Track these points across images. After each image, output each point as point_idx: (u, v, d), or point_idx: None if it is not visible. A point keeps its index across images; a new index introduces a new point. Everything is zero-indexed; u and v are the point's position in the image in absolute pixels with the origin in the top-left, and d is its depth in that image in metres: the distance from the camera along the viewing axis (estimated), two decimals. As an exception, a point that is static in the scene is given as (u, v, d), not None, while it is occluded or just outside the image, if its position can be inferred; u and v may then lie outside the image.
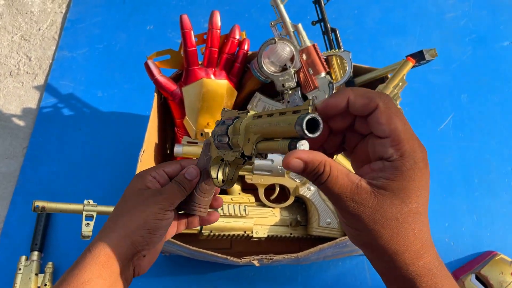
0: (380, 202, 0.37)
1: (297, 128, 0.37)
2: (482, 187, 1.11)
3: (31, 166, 1.16)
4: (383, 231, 0.38)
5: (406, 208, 0.38)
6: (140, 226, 0.51)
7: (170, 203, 0.53)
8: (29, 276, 0.97)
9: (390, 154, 0.37)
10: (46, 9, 1.43)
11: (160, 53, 0.95)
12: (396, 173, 0.37)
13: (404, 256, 0.39)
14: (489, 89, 1.23)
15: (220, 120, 0.54)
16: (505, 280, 0.93)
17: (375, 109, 0.38)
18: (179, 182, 0.55)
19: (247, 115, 0.48)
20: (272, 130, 0.41)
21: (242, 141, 0.46)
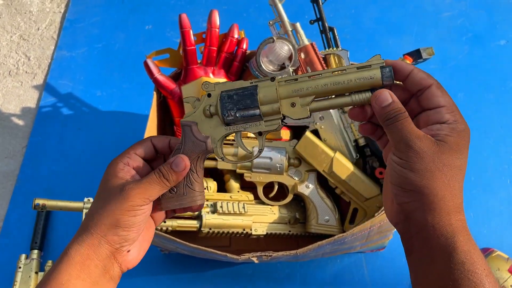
0: (441, 149, 0.45)
1: (385, 78, 0.47)
2: (479, 184, 1.11)
3: (30, 165, 1.17)
4: (438, 174, 0.44)
5: (458, 161, 0.45)
6: (113, 225, 0.48)
7: (145, 198, 0.49)
8: (29, 275, 0.98)
9: (447, 118, 0.46)
10: (45, 8, 1.44)
11: (159, 52, 0.95)
12: (453, 132, 0.45)
13: (449, 204, 0.44)
14: (486, 88, 1.24)
15: (223, 94, 0.51)
16: (502, 277, 0.94)
17: (430, 85, 0.47)
18: (163, 173, 0.51)
19: (274, 82, 0.50)
20: (338, 88, 0.48)
21: (284, 106, 0.50)
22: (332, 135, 0.93)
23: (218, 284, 1.01)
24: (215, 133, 0.52)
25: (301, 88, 0.49)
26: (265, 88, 0.50)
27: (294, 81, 0.49)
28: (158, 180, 0.50)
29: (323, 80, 0.49)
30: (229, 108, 0.50)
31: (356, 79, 0.48)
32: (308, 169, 0.93)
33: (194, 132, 0.52)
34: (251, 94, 0.50)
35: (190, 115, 0.53)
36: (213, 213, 0.88)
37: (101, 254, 0.48)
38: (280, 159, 0.92)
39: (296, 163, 0.93)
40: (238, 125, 0.51)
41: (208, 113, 0.52)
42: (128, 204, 0.48)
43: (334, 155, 0.90)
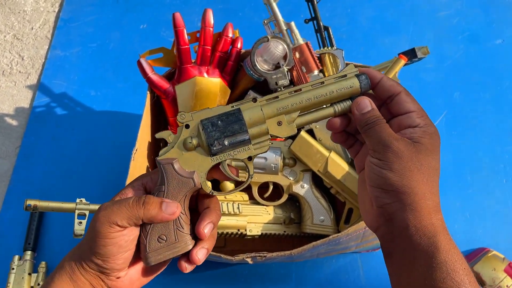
0: (417, 150, 0.46)
1: (363, 85, 0.49)
2: (475, 184, 1.11)
3: (24, 165, 1.16)
4: (417, 174, 0.46)
5: (433, 162, 0.47)
6: (90, 253, 0.46)
7: (110, 222, 0.45)
8: (22, 276, 0.97)
9: (418, 122, 0.48)
10: (39, 8, 1.43)
11: (153, 51, 0.95)
12: (425, 134, 0.47)
13: (429, 203, 0.46)
14: (482, 87, 1.24)
15: (204, 122, 0.48)
16: (497, 277, 0.94)
17: (399, 92, 0.49)
18: (143, 202, 0.46)
19: (257, 102, 0.49)
20: (321, 100, 0.49)
21: (271, 126, 0.49)
22: (327, 135, 0.92)
23: (213, 284, 1.01)
24: (201, 166, 0.48)
25: (286, 105, 0.49)
26: (249, 110, 0.48)
27: (275, 100, 0.49)
28: (130, 206, 0.46)
29: (306, 95, 0.49)
30: (216, 137, 0.47)
31: (337, 89, 0.49)
32: (303, 169, 0.92)
33: (177, 169, 0.47)
34: (237, 118, 0.48)
35: (167, 151, 0.48)
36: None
37: (86, 274, 0.47)
38: (275, 159, 0.91)
39: (291, 163, 0.93)
40: (225, 153, 0.48)
41: (191, 145, 0.48)
42: (94, 232, 0.45)
43: (329, 155, 0.90)
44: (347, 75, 0.49)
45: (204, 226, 0.48)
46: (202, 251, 0.49)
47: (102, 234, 0.45)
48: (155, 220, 0.47)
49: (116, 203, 0.46)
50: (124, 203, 0.46)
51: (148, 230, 0.47)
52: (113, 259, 0.46)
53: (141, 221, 0.46)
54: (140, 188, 0.50)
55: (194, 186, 0.48)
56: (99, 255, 0.46)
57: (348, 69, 0.50)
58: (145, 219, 0.46)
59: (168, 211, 0.47)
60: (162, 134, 0.49)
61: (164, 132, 0.49)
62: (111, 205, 0.46)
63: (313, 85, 0.49)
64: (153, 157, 1.00)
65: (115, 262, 0.46)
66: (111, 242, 0.45)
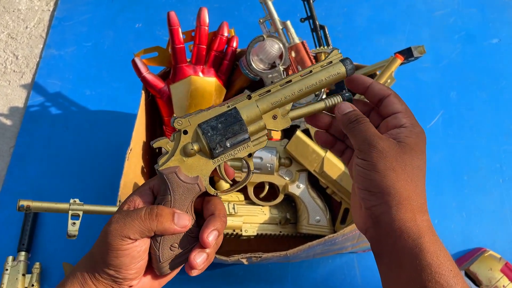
0: (402, 150, 0.46)
1: (349, 70, 0.50)
2: (471, 184, 1.11)
3: (18, 165, 1.15)
4: (402, 174, 0.45)
5: (418, 161, 0.46)
6: (102, 264, 0.45)
7: (123, 236, 0.44)
8: (16, 277, 0.96)
9: (404, 122, 0.48)
10: (34, 7, 1.42)
11: (148, 50, 0.94)
12: (412, 134, 0.47)
13: (414, 204, 0.45)
14: (478, 87, 1.24)
15: (203, 126, 0.47)
16: (494, 277, 0.93)
17: (389, 95, 0.50)
18: (155, 214, 0.46)
19: (251, 99, 0.49)
20: (312, 89, 0.50)
21: (267, 121, 0.49)
22: (323, 134, 0.92)
23: (208, 285, 1.00)
24: (204, 170, 0.48)
25: (279, 99, 0.49)
26: (245, 108, 0.48)
27: (268, 93, 0.49)
28: (142, 219, 0.45)
29: (297, 86, 0.49)
30: (217, 140, 0.47)
31: (325, 77, 0.50)
32: (299, 169, 0.92)
33: (181, 177, 0.47)
34: (235, 118, 0.47)
35: (168, 160, 0.47)
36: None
37: (98, 284, 0.46)
38: (270, 159, 0.90)
39: (287, 163, 0.92)
40: (226, 154, 0.48)
41: (192, 152, 0.47)
42: (106, 245, 0.45)
43: (325, 154, 0.89)
44: (333, 61, 0.50)
45: (209, 234, 0.47)
46: (201, 255, 0.47)
47: (114, 247, 0.44)
48: (167, 233, 0.46)
49: (128, 216, 0.45)
50: (135, 216, 0.45)
51: (160, 241, 0.47)
52: (126, 269, 0.46)
53: (153, 233, 0.46)
54: (148, 192, 0.49)
55: (199, 191, 0.48)
56: (112, 266, 0.45)
57: (333, 55, 0.50)
58: (158, 232, 0.46)
59: (181, 224, 0.46)
60: (159, 143, 0.48)
61: (161, 141, 0.48)
62: (122, 218, 0.45)
63: (302, 75, 0.50)
64: (148, 157, 0.99)
65: (128, 272, 0.46)
66: (124, 254, 0.45)
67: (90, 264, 0.47)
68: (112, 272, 0.45)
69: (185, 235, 0.47)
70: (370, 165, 0.46)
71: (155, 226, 0.45)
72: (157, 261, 0.47)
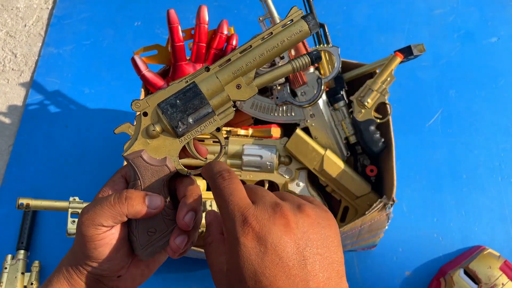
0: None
1: (312, 26, 0.46)
2: (470, 182, 1.11)
3: (17, 164, 1.15)
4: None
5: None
6: (82, 257, 0.44)
7: (95, 225, 0.43)
8: (15, 275, 0.96)
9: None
10: (32, 5, 1.41)
11: (147, 48, 0.94)
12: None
13: None
14: (477, 85, 1.24)
15: (162, 105, 0.45)
16: (493, 275, 0.94)
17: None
18: (124, 197, 0.44)
19: (210, 71, 0.46)
20: (274, 52, 0.46)
21: (231, 91, 0.47)
22: (323, 132, 0.92)
23: (209, 284, 1.00)
24: (171, 150, 0.46)
25: (240, 67, 0.47)
26: (204, 81, 0.46)
27: (228, 63, 0.47)
28: (112, 204, 0.43)
29: (258, 50, 0.47)
30: (178, 118, 0.45)
31: (287, 37, 0.47)
32: (298, 167, 0.92)
33: (147, 160, 0.45)
34: (194, 93, 0.45)
35: (132, 144, 0.46)
36: (203, 212, 0.87)
37: (84, 278, 0.46)
38: (270, 157, 0.90)
39: (287, 161, 0.92)
40: (192, 131, 0.47)
41: (155, 133, 0.46)
42: (82, 236, 0.43)
43: (325, 152, 0.89)
44: (293, 19, 0.47)
45: (185, 216, 0.44)
46: (180, 237, 0.45)
47: (89, 237, 0.43)
48: (140, 216, 0.44)
49: (97, 204, 0.44)
50: (105, 202, 0.43)
51: (136, 225, 0.46)
52: (108, 260, 0.44)
53: (125, 217, 0.44)
54: (121, 180, 0.47)
55: (169, 172, 0.46)
56: (93, 259, 0.44)
57: (293, 12, 0.47)
58: (130, 215, 0.44)
59: (153, 206, 0.44)
60: (121, 128, 0.47)
61: (122, 126, 0.46)
62: (92, 206, 0.44)
63: (263, 38, 0.47)
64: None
65: (111, 262, 0.45)
66: (101, 244, 0.44)
67: (73, 259, 0.46)
68: (94, 264, 0.44)
69: (162, 218, 0.46)
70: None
71: (126, 209, 0.43)
72: (136, 246, 0.46)
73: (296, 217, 0.38)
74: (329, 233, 0.39)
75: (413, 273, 1.01)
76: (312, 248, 0.37)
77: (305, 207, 0.39)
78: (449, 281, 0.94)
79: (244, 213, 0.38)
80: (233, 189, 0.40)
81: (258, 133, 0.93)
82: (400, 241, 1.04)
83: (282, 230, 0.37)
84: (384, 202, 0.82)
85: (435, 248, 1.03)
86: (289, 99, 0.91)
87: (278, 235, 0.37)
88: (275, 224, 0.37)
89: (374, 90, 0.89)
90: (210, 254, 0.41)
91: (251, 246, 0.37)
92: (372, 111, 0.90)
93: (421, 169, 1.12)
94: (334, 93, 0.92)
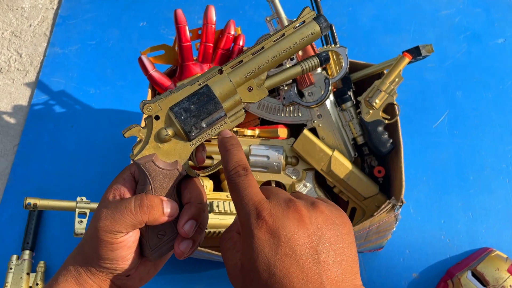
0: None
1: (323, 28, 0.46)
2: (477, 184, 1.11)
3: (22, 164, 1.15)
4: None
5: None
6: (96, 258, 0.45)
7: (115, 231, 0.43)
8: (21, 276, 0.96)
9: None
10: (37, 5, 1.41)
11: (154, 48, 0.93)
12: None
13: None
14: (484, 86, 1.23)
15: (176, 109, 0.45)
16: (501, 277, 0.93)
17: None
18: (144, 205, 0.44)
19: (222, 73, 0.46)
20: (287, 55, 0.46)
21: (242, 93, 0.46)
22: (330, 133, 0.91)
23: (214, 285, 1.00)
24: (182, 154, 0.46)
25: (253, 69, 0.46)
26: (217, 83, 0.45)
27: (240, 64, 0.46)
28: (133, 213, 0.44)
29: (270, 53, 0.46)
30: (192, 123, 0.45)
31: (300, 39, 0.46)
32: (306, 168, 0.92)
33: (159, 165, 0.45)
34: (208, 97, 0.45)
35: (143, 148, 0.45)
36: (209, 213, 0.86)
37: (94, 277, 0.46)
38: (277, 158, 0.90)
39: (294, 162, 0.92)
40: (203, 135, 0.46)
41: (167, 137, 0.45)
42: (99, 241, 0.44)
43: (332, 153, 0.89)
44: (305, 20, 0.46)
45: (184, 225, 0.45)
46: (185, 243, 0.46)
47: (107, 242, 0.43)
48: (157, 223, 0.45)
49: (117, 211, 0.43)
50: (125, 210, 0.43)
51: (146, 229, 0.46)
52: (123, 261, 0.45)
53: (144, 224, 0.45)
54: (131, 178, 0.47)
55: (180, 175, 0.46)
56: (108, 260, 0.44)
57: (305, 13, 0.47)
58: (148, 223, 0.45)
59: (169, 214, 0.45)
60: (131, 131, 0.46)
61: (133, 130, 0.46)
62: (111, 213, 0.43)
63: (275, 40, 0.46)
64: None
65: (125, 263, 0.45)
66: (118, 247, 0.44)
67: (83, 259, 0.46)
68: (108, 265, 0.45)
69: (171, 222, 0.46)
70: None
71: (147, 218, 0.44)
72: (146, 249, 0.46)
73: (309, 213, 0.38)
74: (343, 230, 0.39)
75: (420, 275, 1.00)
76: (326, 244, 0.37)
77: (319, 204, 0.40)
78: (456, 283, 0.94)
79: (258, 207, 0.38)
80: (248, 185, 0.40)
81: (265, 133, 0.93)
82: (407, 243, 1.03)
83: (295, 224, 0.37)
84: (393, 203, 0.82)
85: (443, 250, 1.03)
86: (296, 100, 0.91)
87: (291, 229, 0.37)
88: (288, 218, 0.37)
89: (382, 91, 0.89)
90: (226, 250, 0.42)
91: (265, 239, 0.37)
92: (380, 112, 0.90)
93: (428, 170, 1.12)
94: (341, 94, 0.92)
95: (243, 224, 0.39)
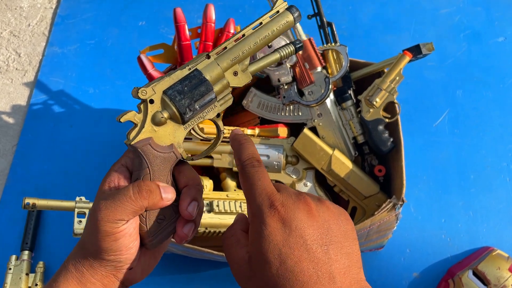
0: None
1: (296, 17, 0.50)
2: (478, 183, 1.10)
3: (21, 164, 1.14)
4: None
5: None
6: (97, 251, 0.44)
7: (116, 220, 0.43)
8: (20, 276, 0.95)
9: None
10: (36, 4, 1.41)
11: (154, 47, 0.93)
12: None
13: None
14: (484, 85, 1.23)
15: (170, 92, 0.46)
16: (502, 276, 0.93)
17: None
18: (142, 190, 0.44)
19: (210, 59, 0.48)
20: (266, 41, 0.50)
21: (229, 78, 0.49)
22: (330, 132, 0.91)
23: (214, 285, 0.99)
24: (177, 136, 0.47)
25: (237, 54, 0.49)
26: (207, 68, 0.48)
27: (225, 50, 0.49)
28: (133, 199, 0.44)
29: (252, 39, 0.49)
30: (186, 104, 0.46)
31: (276, 27, 0.50)
32: (306, 167, 0.91)
33: (157, 148, 0.46)
34: (200, 80, 0.47)
35: (139, 132, 0.46)
36: (209, 212, 0.86)
37: (96, 274, 0.45)
38: (277, 157, 0.90)
39: (294, 161, 0.91)
40: (195, 118, 0.47)
41: (163, 120, 0.46)
42: (101, 232, 0.43)
43: (332, 152, 0.88)
44: (279, 10, 0.50)
45: (188, 206, 0.46)
46: (188, 225, 0.47)
47: (109, 232, 0.43)
48: (156, 208, 0.46)
49: (116, 200, 0.43)
50: (124, 197, 0.43)
51: (146, 215, 0.46)
52: (126, 250, 0.45)
53: (144, 210, 0.45)
54: (123, 169, 0.47)
55: (176, 158, 0.47)
56: (112, 251, 0.44)
57: (279, 4, 0.50)
58: (148, 208, 0.45)
59: (169, 198, 0.45)
60: (127, 116, 0.46)
61: (128, 115, 0.46)
62: (110, 203, 0.43)
63: (254, 28, 0.50)
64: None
65: (128, 252, 0.45)
66: (120, 235, 0.44)
67: (85, 257, 0.45)
68: (112, 257, 0.44)
69: (170, 206, 0.47)
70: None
71: (147, 202, 0.44)
72: (147, 235, 0.46)
73: (317, 207, 0.40)
74: (347, 226, 0.41)
75: (421, 275, 1.00)
76: (333, 237, 0.39)
77: (325, 201, 0.42)
78: (457, 282, 0.93)
79: (270, 197, 0.40)
80: (262, 176, 0.42)
81: (265, 132, 0.92)
82: (407, 242, 1.03)
83: (305, 215, 0.39)
84: (394, 202, 0.81)
85: (443, 249, 1.02)
86: (296, 99, 0.90)
87: (302, 219, 0.39)
88: (299, 209, 0.39)
89: (383, 89, 0.88)
90: (230, 246, 0.43)
91: (277, 227, 0.38)
92: (381, 111, 0.89)
93: (428, 169, 1.11)
94: (341, 92, 0.92)
95: (254, 214, 0.40)
